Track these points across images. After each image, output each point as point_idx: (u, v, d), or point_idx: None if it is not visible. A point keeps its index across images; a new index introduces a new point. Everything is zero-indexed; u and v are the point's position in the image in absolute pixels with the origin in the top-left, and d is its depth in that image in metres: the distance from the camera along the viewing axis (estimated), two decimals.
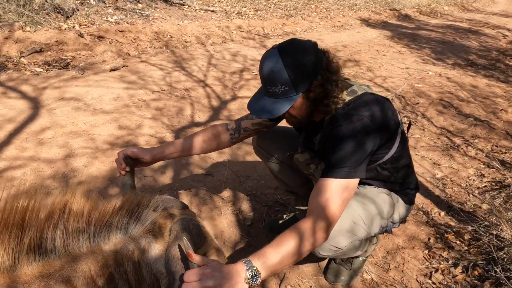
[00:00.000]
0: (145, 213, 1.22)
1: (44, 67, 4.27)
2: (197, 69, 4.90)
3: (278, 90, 1.38)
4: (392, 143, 1.57)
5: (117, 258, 1.14)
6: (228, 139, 1.81)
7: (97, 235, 1.16)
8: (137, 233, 1.17)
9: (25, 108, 3.38)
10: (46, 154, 2.74)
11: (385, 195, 1.70)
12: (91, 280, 1.11)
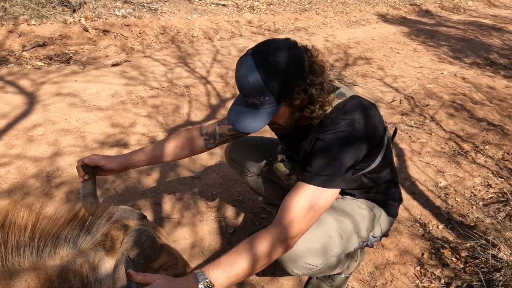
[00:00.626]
0: (97, 225, 1.14)
1: (45, 61, 4.26)
2: (201, 65, 4.81)
3: (257, 101, 1.24)
4: (377, 152, 1.45)
5: (62, 273, 1.06)
6: (203, 145, 1.69)
7: (42, 249, 1.09)
8: (87, 246, 1.10)
9: (20, 103, 3.36)
10: (34, 152, 2.71)
11: (365, 211, 1.57)
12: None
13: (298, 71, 1.25)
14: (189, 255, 2.02)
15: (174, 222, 2.22)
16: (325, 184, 1.25)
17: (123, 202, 2.32)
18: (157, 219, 2.23)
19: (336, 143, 1.29)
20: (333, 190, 1.27)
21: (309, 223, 1.25)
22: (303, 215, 1.22)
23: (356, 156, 1.32)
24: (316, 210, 1.24)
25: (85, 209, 1.21)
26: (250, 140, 1.89)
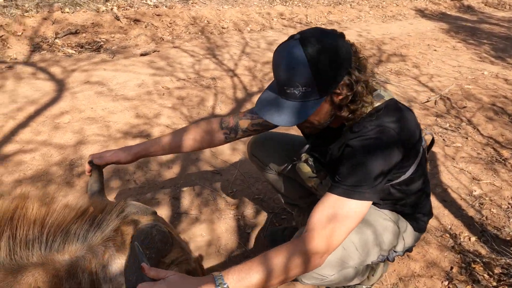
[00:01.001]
0: (107, 220, 1.10)
1: (76, 49, 4.32)
2: (229, 57, 4.74)
3: (297, 91, 1.12)
4: (411, 162, 1.33)
5: (71, 269, 1.03)
6: (222, 138, 1.60)
7: (51, 243, 1.06)
8: (97, 241, 1.06)
9: (50, 90, 3.41)
10: (59, 139, 2.73)
11: (389, 223, 1.45)
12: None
13: (346, 64, 1.13)
14: (205, 253, 1.98)
15: (192, 218, 2.18)
16: (349, 194, 1.15)
17: (142, 195, 2.30)
18: (175, 214, 2.20)
19: (366, 150, 1.18)
20: (360, 202, 1.15)
21: (333, 237, 1.13)
22: (323, 227, 1.12)
23: (388, 165, 1.20)
24: (339, 221, 1.13)
25: (93, 207, 1.17)
26: (274, 136, 1.81)
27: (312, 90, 1.11)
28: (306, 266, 1.11)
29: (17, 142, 2.64)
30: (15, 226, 1.05)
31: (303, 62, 1.08)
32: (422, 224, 1.53)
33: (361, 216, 1.16)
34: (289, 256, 1.08)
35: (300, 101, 1.13)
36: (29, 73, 3.67)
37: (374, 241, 1.38)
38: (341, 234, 1.13)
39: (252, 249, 2.04)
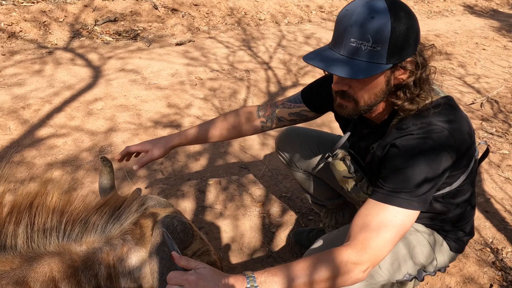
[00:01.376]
0: (127, 213, 1.08)
1: (114, 37, 4.37)
2: (264, 49, 4.65)
3: (364, 47, 0.97)
4: (462, 170, 1.18)
5: (87, 260, 1.02)
6: (259, 127, 1.55)
7: (69, 233, 1.06)
8: (115, 233, 1.05)
9: (86, 76, 3.46)
10: (91, 125, 2.76)
11: (424, 236, 1.32)
12: (52, 283, 1.01)
13: (416, 43, 1.03)
14: (228, 250, 1.92)
15: (216, 213, 2.13)
16: (387, 200, 1.04)
17: (168, 185, 2.28)
18: (199, 207, 2.16)
19: (411, 151, 1.05)
20: (399, 209, 1.03)
21: (368, 248, 1.01)
22: (356, 236, 1.02)
23: (435, 171, 1.06)
24: (373, 230, 1.02)
25: (112, 198, 1.14)
26: (305, 132, 1.71)
27: (381, 51, 0.97)
28: (343, 279, 1.00)
29: (51, 126, 2.69)
30: (34, 214, 1.04)
31: (385, 14, 0.96)
32: (460, 244, 1.38)
33: (401, 225, 1.03)
34: (326, 268, 0.97)
35: (363, 60, 0.99)
36: (67, 58, 3.75)
37: (405, 257, 1.26)
38: (377, 244, 1.00)
39: (275, 249, 1.97)
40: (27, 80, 3.25)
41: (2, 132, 2.54)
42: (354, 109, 1.13)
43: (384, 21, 0.96)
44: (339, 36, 1.01)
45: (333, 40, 1.05)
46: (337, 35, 1.02)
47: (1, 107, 2.81)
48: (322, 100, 1.43)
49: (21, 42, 3.90)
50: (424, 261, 1.29)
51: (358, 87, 1.07)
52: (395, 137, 1.09)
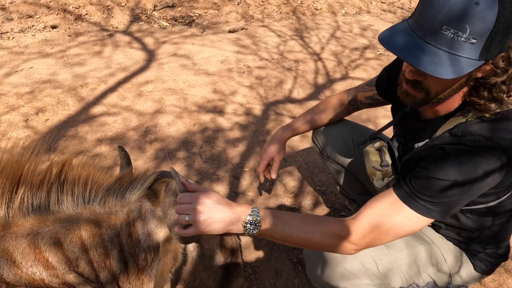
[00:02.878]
0: (142, 182, 1.21)
1: (170, 22, 4.52)
2: (316, 40, 4.57)
3: (458, 37, 0.83)
4: (509, 185, 1.05)
5: (110, 220, 1.15)
6: (350, 110, 1.63)
7: (92, 198, 1.20)
8: (133, 198, 1.18)
9: (141, 59, 3.62)
10: (140, 106, 2.90)
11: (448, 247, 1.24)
12: (80, 240, 1.14)
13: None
14: (253, 240, 1.95)
15: (248, 200, 2.17)
16: (406, 199, 0.99)
17: (205, 169, 2.35)
18: (232, 192, 2.20)
19: (450, 155, 0.96)
20: (414, 213, 0.99)
21: (373, 240, 1.02)
22: (366, 224, 1.01)
23: (487, 186, 0.97)
24: (384, 227, 1.00)
25: (128, 172, 1.25)
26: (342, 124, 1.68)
27: (476, 45, 0.83)
28: (336, 248, 1.04)
29: (104, 105, 2.86)
30: (62, 180, 1.15)
31: (493, 2, 0.80)
32: (487, 266, 1.25)
33: (410, 229, 1.01)
34: (326, 230, 1.02)
35: (453, 53, 0.85)
36: (125, 41, 3.95)
37: (426, 262, 1.21)
38: (380, 240, 1.02)
39: None
40: (88, 61, 3.48)
41: (61, 108, 2.76)
42: (423, 100, 1.01)
43: (490, 11, 0.80)
44: (427, 19, 0.85)
45: (417, 20, 0.89)
46: (424, 17, 0.87)
47: (62, 84, 3.04)
48: (389, 87, 1.34)
49: (85, 25, 4.16)
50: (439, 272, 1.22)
51: (435, 79, 0.93)
52: (446, 142, 0.99)
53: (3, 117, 2.58)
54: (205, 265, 1.30)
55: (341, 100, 1.61)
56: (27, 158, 1.14)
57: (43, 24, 3.98)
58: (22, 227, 1.12)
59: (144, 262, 1.19)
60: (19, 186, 1.11)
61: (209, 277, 1.35)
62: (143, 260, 1.18)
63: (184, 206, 0.99)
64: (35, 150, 1.15)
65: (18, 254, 1.09)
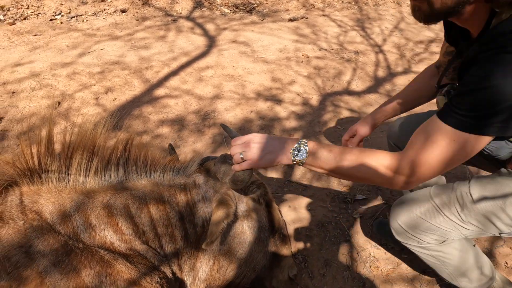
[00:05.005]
0: (193, 161, 1.39)
1: (231, 9, 4.57)
2: (378, 31, 4.42)
3: None
4: None
5: (170, 191, 1.30)
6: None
7: (153, 173, 1.33)
8: (188, 173, 1.35)
9: (202, 45, 3.72)
10: (200, 91, 2.99)
11: None
12: (145, 208, 1.27)
13: None
14: (307, 228, 1.97)
15: (301, 189, 2.18)
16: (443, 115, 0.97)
17: None
18: (286, 180, 2.23)
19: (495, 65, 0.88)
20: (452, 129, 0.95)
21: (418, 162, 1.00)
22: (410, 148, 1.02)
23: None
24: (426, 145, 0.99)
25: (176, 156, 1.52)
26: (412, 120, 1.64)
27: None
28: (386, 180, 1.07)
29: (167, 88, 2.98)
30: (127, 156, 1.28)
31: None
32: None
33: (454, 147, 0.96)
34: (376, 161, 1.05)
35: None
36: (188, 27, 4.06)
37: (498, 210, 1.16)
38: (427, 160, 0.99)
39: (354, 235, 1.95)
40: (153, 44, 3.63)
41: (128, 88, 2.92)
42: (429, 13, 0.98)
43: None
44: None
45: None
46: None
47: (129, 66, 3.21)
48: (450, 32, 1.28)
49: (152, 10, 4.33)
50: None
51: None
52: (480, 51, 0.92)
53: (76, 94, 2.77)
54: (255, 237, 1.37)
55: (429, 70, 1.55)
56: (99, 133, 1.25)
57: (113, 8, 4.19)
58: (97, 193, 1.23)
59: (201, 230, 1.31)
60: (94, 157, 1.23)
61: (259, 250, 1.41)
62: (200, 227, 1.31)
63: (237, 146, 1.11)
64: (105, 127, 1.26)
65: (93, 217, 1.19)
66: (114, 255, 1.18)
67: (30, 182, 1.17)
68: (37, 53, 3.27)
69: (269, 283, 1.50)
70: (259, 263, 1.44)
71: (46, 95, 2.73)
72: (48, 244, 1.09)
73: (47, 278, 1.04)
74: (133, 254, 1.23)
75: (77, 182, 1.24)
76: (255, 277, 1.45)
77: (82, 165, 1.25)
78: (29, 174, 1.16)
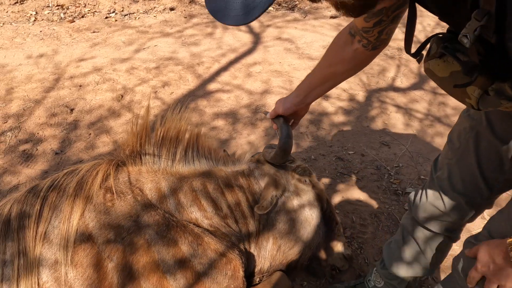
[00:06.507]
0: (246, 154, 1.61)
1: (274, 6, 4.69)
2: (421, 28, 4.42)
3: None
4: None
5: (234, 176, 1.50)
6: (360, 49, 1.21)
7: (218, 161, 1.53)
8: (245, 160, 1.57)
9: (248, 41, 3.85)
10: (250, 86, 3.13)
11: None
12: (219, 188, 1.45)
13: None
14: (361, 218, 2.07)
15: (352, 181, 2.28)
16: None
17: (311, 148, 2.50)
18: (337, 172, 2.34)
19: None
20: None
21: None
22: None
23: None
24: None
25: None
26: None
27: None
28: None
29: (219, 82, 3.14)
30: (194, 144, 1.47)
31: None
32: None
33: None
34: None
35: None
36: None
37: None
38: None
39: None
40: (201, 41, 3.80)
41: (182, 83, 3.09)
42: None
43: None
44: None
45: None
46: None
47: (182, 61, 3.39)
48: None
49: (198, 7, 4.50)
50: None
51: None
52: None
53: (137, 88, 2.97)
54: (307, 216, 1.52)
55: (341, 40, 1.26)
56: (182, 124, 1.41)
57: (163, 6, 4.40)
58: (182, 175, 1.40)
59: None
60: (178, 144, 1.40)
61: (312, 229, 1.54)
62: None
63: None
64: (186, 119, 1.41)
65: (182, 196, 1.35)
66: (201, 229, 1.34)
67: (133, 163, 1.34)
68: (97, 49, 3.50)
69: (324, 261, 1.62)
70: (313, 241, 1.56)
71: (110, 89, 2.94)
72: (151, 216, 1.25)
73: (153, 245, 1.21)
74: (214, 230, 1.38)
75: (166, 165, 1.41)
76: (311, 254, 1.58)
77: (170, 151, 1.41)
78: (133, 156, 1.33)
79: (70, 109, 2.70)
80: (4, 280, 1.07)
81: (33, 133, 2.48)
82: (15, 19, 3.98)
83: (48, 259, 1.10)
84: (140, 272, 1.17)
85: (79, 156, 2.33)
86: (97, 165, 1.25)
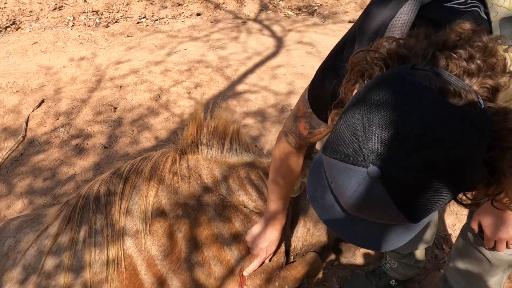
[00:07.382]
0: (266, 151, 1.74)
1: (294, 11, 4.91)
2: None
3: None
4: None
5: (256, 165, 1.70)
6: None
7: (254, 154, 1.76)
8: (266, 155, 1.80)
9: (271, 45, 4.08)
10: (275, 87, 3.36)
11: None
12: (260, 176, 1.67)
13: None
14: None
15: None
16: None
17: None
18: None
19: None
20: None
21: None
22: None
23: None
24: None
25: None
26: None
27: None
28: None
29: (246, 84, 3.38)
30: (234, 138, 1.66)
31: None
32: None
33: None
34: None
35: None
36: (256, 29, 4.44)
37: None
38: None
39: None
40: (228, 45, 4.04)
41: (213, 84, 3.34)
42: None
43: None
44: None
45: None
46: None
47: (211, 64, 3.63)
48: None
49: (222, 12, 4.75)
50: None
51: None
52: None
53: (172, 89, 3.22)
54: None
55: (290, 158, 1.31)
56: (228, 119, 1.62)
57: (190, 11, 4.66)
58: (230, 164, 1.62)
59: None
60: (226, 137, 1.62)
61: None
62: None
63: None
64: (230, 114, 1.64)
65: (231, 181, 1.59)
66: (248, 209, 1.57)
67: (192, 151, 1.57)
68: (132, 53, 3.77)
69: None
70: None
71: (147, 89, 3.20)
72: (209, 197, 1.48)
73: (213, 222, 1.44)
74: (259, 212, 1.61)
75: (217, 155, 1.64)
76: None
77: (220, 143, 1.64)
78: (193, 146, 1.57)
79: (114, 108, 2.96)
80: (96, 245, 1.32)
81: (82, 129, 2.75)
82: (55, 24, 4.28)
83: (130, 229, 1.35)
84: (203, 243, 1.40)
85: (126, 150, 2.58)
86: (166, 152, 1.49)
